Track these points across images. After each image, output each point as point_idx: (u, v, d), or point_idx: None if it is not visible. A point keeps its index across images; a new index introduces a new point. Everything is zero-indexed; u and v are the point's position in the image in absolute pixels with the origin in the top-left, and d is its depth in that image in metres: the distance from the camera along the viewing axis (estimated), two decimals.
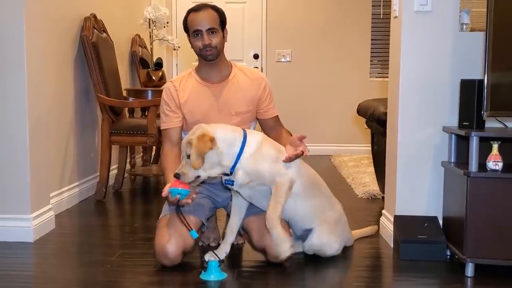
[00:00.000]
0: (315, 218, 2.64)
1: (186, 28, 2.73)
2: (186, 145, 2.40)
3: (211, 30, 2.66)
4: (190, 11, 2.71)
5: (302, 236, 2.70)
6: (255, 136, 2.50)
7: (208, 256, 2.51)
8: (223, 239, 2.68)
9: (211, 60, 2.69)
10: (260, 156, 2.45)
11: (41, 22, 3.17)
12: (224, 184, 2.51)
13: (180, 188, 2.40)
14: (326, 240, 2.65)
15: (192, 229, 2.47)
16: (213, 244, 2.88)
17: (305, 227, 2.66)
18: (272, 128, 2.85)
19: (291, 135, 2.78)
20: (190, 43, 2.73)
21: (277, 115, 2.86)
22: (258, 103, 2.78)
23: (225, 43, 2.75)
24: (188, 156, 2.37)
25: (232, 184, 2.49)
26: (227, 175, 2.46)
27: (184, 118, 2.74)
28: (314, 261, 2.68)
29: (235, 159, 2.42)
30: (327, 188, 2.76)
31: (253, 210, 2.61)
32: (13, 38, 2.94)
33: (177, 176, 2.40)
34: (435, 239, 2.73)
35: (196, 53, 2.72)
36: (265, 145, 2.49)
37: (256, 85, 2.78)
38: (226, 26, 2.74)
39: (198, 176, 2.40)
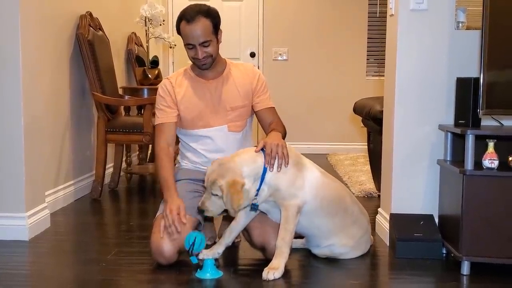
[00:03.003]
0: (335, 235, 2.61)
1: (179, 33, 2.67)
2: (212, 186, 2.37)
3: (204, 44, 2.60)
4: (181, 19, 2.60)
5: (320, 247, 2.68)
6: None
7: (202, 255, 2.51)
8: (219, 238, 2.67)
9: (205, 69, 2.68)
10: (278, 173, 2.44)
11: (36, 20, 3.15)
12: (250, 208, 2.50)
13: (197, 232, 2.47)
14: (346, 251, 2.65)
15: (193, 255, 2.47)
16: (209, 243, 2.87)
17: (324, 244, 2.64)
18: (269, 121, 2.77)
19: (283, 131, 2.72)
20: (184, 47, 2.68)
21: (273, 108, 2.82)
22: (252, 95, 2.76)
23: (220, 43, 2.71)
24: (213, 194, 2.37)
25: (257, 209, 2.50)
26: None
27: (180, 115, 2.73)
28: (310, 258, 2.69)
29: (259, 183, 2.42)
30: (354, 202, 2.70)
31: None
32: (9, 36, 2.92)
33: (200, 211, 2.42)
34: (431, 237, 2.73)
35: (191, 61, 2.71)
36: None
37: (249, 78, 2.76)
38: (221, 27, 2.67)
39: (225, 210, 2.41)
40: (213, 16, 2.61)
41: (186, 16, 2.58)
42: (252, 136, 2.88)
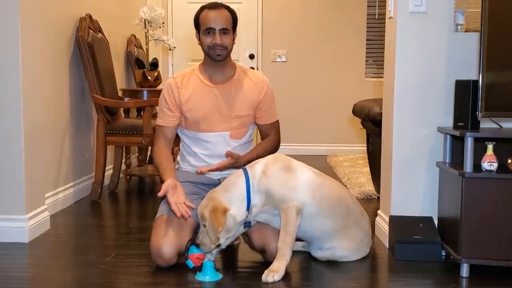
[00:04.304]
0: (338, 236, 2.60)
1: (197, 24, 2.70)
2: (200, 218, 2.44)
3: (224, 31, 2.65)
4: (204, 8, 2.69)
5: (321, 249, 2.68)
6: (256, 166, 2.51)
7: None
8: None
9: (219, 60, 2.68)
10: (267, 179, 2.45)
11: (36, 23, 3.16)
12: (244, 227, 2.52)
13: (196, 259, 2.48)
14: (347, 254, 2.65)
15: (189, 259, 2.48)
16: None
17: (327, 246, 2.63)
18: (267, 133, 2.84)
19: (274, 146, 2.81)
20: (199, 39, 2.71)
21: (276, 121, 2.85)
22: (257, 107, 2.78)
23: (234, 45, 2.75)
24: (204, 225, 2.43)
25: (250, 226, 2.53)
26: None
27: (184, 117, 2.73)
28: (310, 261, 2.69)
29: (247, 203, 2.45)
30: (354, 202, 2.70)
31: None
32: (8, 39, 2.93)
33: (197, 246, 2.45)
34: (430, 239, 2.73)
35: (204, 52, 2.71)
36: (270, 168, 2.48)
37: (258, 89, 2.76)
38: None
39: (219, 244, 2.45)
40: (233, 13, 2.74)
41: (209, 5, 2.70)
42: (253, 141, 2.88)
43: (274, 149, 2.81)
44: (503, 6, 2.54)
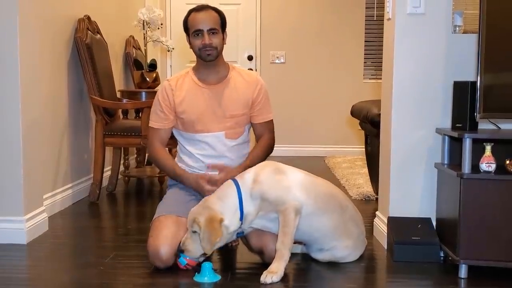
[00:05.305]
0: (336, 235, 2.60)
1: (186, 28, 2.74)
2: (193, 224, 2.41)
3: (212, 31, 2.67)
4: (191, 11, 2.72)
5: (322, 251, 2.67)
6: (246, 175, 2.52)
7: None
8: None
9: (210, 60, 2.70)
10: (260, 185, 2.46)
11: (35, 24, 3.16)
12: (236, 236, 2.53)
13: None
14: (347, 254, 2.65)
15: (181, 257, 2.48)
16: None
17: (327, 246, 2.62)
18: (261, 134, 2.84)
19: (270, 146, 2.81)
20: (190, 43, 2.74)
21: (270, 120, 2.85)
22: (251, 106, 2.78)
23: (224, 45, 2.76)
24: (194, 232, 2.41)
25: (243, 234, 2.54)
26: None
27: (179, 118, 2.74)
28: (308, 262, 2.69)
29: (239, 213, 2.45)
30: (346, 198, 2.70)
31: None
32: (7, 40, 2.93)
33: (181, 252, 2.45)
34: (429, 240, 2.73)
35: (195, 54, 2.73)
36: (260, 174, 2.49)
37: (251, 88, 2.77)
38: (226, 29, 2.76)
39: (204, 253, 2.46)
40: (221, 14, 2.76)
41: (196, 8, 2.73)
42: (250, 141, 2.88)
43: (269, 149, 2.82)
44: (501, 7, 2.55)
